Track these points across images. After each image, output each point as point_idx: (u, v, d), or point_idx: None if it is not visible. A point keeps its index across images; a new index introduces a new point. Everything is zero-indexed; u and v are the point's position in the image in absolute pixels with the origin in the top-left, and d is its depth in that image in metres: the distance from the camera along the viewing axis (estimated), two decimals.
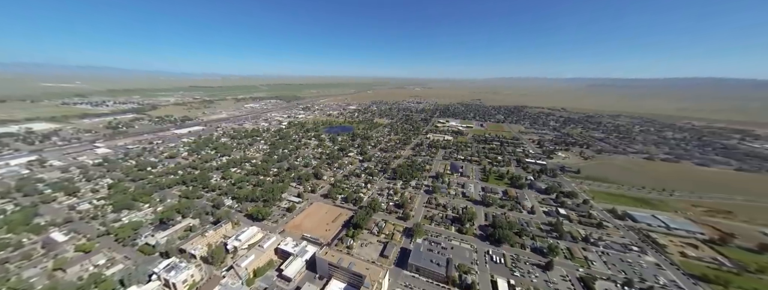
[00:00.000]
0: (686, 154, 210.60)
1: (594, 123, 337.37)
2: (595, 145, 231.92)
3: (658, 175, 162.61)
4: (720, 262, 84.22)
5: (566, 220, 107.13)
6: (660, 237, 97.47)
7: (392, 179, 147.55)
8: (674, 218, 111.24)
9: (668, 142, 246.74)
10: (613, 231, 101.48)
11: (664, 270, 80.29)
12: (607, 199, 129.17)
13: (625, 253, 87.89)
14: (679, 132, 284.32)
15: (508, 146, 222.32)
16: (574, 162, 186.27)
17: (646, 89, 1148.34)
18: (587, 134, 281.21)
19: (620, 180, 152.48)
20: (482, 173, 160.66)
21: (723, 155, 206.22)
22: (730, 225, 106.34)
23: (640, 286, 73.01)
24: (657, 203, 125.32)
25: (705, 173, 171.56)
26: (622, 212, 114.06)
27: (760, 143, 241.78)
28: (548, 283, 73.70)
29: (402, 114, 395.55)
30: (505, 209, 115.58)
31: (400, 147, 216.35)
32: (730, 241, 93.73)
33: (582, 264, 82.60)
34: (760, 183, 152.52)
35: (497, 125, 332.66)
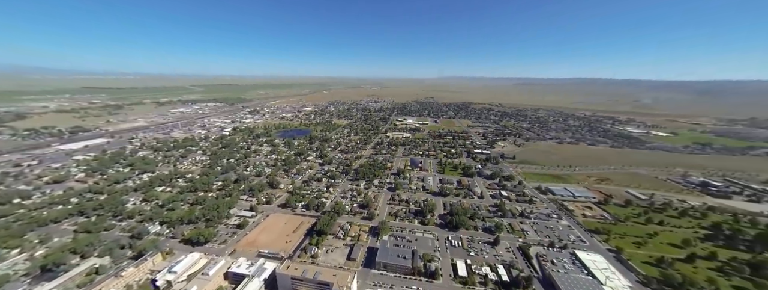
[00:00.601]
0: (582, 137, 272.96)
1: (522, 116, 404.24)
2: (525, 134, 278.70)
3: (566, 155, 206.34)
4: (604, 217, 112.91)
5: (507, 200, 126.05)
6: (569, 204, 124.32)
7: (355, 180, 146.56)
8: (577, 188, 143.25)
9: (571, 128, 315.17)
10: (539, 204, 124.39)
11: (572, 230, 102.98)
12: (535, 178, 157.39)
13: (548, 221, 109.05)
14: (577, 120, 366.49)
15: (459, 140, 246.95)
16: (510, 150, 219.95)
17: (554, 86, 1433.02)
18: (518, 125, 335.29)
19: (542, 162, 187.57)
20: (439, 166, 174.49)
21: (603, 137, 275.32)
22: (609, 189, 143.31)
23: (559, 245, 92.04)
24: (566, 178, 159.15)
25: (593, 151, 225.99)
26: (544, 188, 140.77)
27: (622, 127, 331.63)
28: (496, 256, 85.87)
29: (361, 114, 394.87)
30: (460, 197, 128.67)
31: (361, 147, 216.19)
32: (609, 201, 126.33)
33: (520, 235, 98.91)
34: (623, 156, 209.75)
35: (449, 120, 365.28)
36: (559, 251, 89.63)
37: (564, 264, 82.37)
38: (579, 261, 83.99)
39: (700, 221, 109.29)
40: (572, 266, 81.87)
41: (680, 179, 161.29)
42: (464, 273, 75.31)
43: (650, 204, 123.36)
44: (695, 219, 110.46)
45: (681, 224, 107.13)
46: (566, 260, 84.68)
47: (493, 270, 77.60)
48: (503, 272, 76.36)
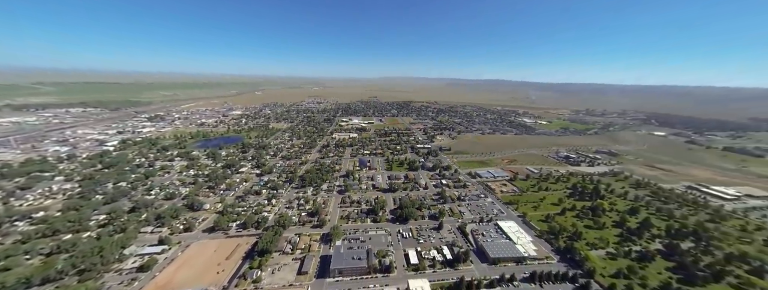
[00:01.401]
0: (497, 128, 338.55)
1: (454, 112, 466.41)
2: (457, 128, 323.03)
3: (487, 144, 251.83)
4: (514, 191, 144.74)
5: (447, 188, 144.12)
6: (491, 183, 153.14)
7: (301, 188, 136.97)
8: (495, 170, 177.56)
9: (489, 121, 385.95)
10: (471, 187, 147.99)
11: (494, 204, 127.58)
12: (466, 165, 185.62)
13: (477, 200, 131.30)
14: (493, 115, 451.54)
15: (403, 137, 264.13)
16: (446, 142, 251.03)
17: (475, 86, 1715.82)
18: (451, 120, 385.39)
19: (471, 151, 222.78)
20: (387, 163, 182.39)
21: (509, 127, 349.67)
22: (516, 168, 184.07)
23: (486, 219, 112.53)
24: (488, 162, 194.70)
25: (504, 138, 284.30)
26: (474, 173, 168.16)
27: (520, 118, 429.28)
28: (441, 239, 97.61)
29: (303, 116, 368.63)
30: (408, 190, 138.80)
31: (306, 152, 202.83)
32: (516, 177, 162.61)
33: (458, 216, 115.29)
34: (523, 140, 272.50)
35: (393, 118, 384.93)
36: (487, 224, 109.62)
37: (490, 234, 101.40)
38: (500, 229, 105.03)
39: (566, 184, 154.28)
40: (495, 234, 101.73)
41: (554, 154, 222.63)
42: (416, 261, 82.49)
43: (540, 176, 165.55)
44: (563, 183, 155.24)
45: (557, 188, 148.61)
46: (491, 230, 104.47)
47: (440, 252, 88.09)
48: (447, 252, 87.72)
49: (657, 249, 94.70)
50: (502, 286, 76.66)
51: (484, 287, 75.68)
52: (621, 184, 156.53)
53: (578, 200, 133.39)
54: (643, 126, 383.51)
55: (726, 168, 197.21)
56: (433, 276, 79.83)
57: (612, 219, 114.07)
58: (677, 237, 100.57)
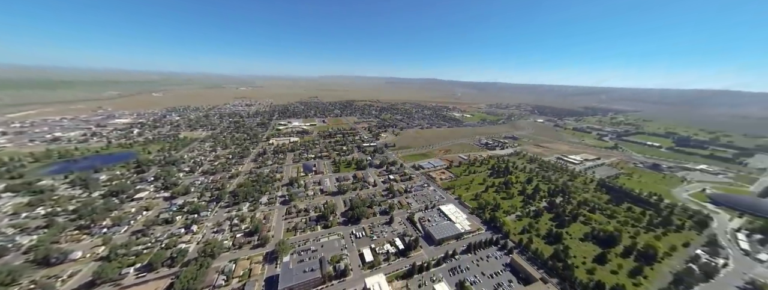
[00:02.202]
0: (434, 123, 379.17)
1: (395, 110, 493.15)
2: (399, 124, 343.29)
3: (426, 137, 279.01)
4: (451, 177, 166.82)
5: (394, 182, 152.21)
6: (432, 173, 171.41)
7: (234, 205, 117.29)
8: (435, 160, 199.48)
9: (426, 117, 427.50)
10: (416, 178, 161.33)
11: (436, 192, 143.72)
12: (410, 159, 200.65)
13: (422, 190, 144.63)
14: (429, 110, 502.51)
15: (349, 136, 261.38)
16: (391, 139, 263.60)
17: (412, 84, 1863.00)
18: (394, 117, 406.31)
19: (413, 145, 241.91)
20: (334, 165, 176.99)
21: (443, 121, 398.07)
22: (451, 156, 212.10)
23: (430, 206, 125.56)
24: (428, 154, 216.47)
25: (440, 131, 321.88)
26: (417, 165, 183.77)
27: (451, 113, 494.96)
28: (393, 232, 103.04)
29: (228, 121, 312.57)
30: (357, 190, 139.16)
31: (237, 163, 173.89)
32: (452, 165, 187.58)
33: (406, 207, 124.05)
34: (455, 132, 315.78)
35: (336, 119, 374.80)
36: (431, 210, 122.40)
37: (434, 219, 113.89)
38: (442, 213, 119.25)
39: (486, 166, 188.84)
40: (439, 218, 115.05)
41: (478, 142, 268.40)
42: (371, 258, 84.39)
43: (468, 162, 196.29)
44: (485, 165, 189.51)
45: (481, 170, 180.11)
46: (435, 215, 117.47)
47: (392, 244, 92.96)
48: (399, 243, 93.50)
49: (544, 206, 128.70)
50: (447, 262, 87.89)
51: (433, 267, 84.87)
52: (521, 161, 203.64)
53: (495, 177, 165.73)
54: (531, 116, 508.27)
55: (574, 142, 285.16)
56: (389, 268, 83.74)
57: (517, 189, 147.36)
58: (553, 195, 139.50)
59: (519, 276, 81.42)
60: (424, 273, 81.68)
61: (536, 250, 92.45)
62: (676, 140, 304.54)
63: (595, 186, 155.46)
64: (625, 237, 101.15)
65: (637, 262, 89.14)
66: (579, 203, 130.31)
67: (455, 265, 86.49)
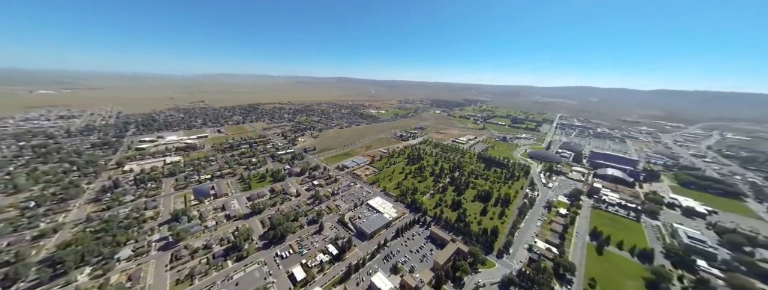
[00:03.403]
0: (353, 121, 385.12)
1: (311, 111, 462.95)
2: (317, 126, 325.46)
3: (347, 136, 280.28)
4: (375, 172, 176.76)
5: (319, 188, 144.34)
6: (357, 170, 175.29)
7: (61, 275, 75.02)
8: (358, 158, 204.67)
9: (344, 116, 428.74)
10: (341, 179, 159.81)
11: (363, 188, 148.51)
12: (333, 160, 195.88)
13: (349, 189, 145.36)
14: (346, 109, 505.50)
15: (258, 146, 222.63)
16: (310, 143, 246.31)
17: (323, 83, 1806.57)
18: (310, 119, 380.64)
19: (335, 145, 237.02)
20: (241, 182, 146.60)
21: (361, 118, 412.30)
22: (372, 152, 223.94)
23: (359, 203, 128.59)
24: (351, 153, 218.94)
25: (359, 129, 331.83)
26: (341, 165, 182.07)
27: (368, 110, 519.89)
28: (324, 239, 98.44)
29: (16, 146, 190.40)
30: (277, 205, 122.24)
31: (52, 211, 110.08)
32: (374, 160, 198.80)
33: (336, 210, 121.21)
34: (373, 129, 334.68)
35: (238, 126, 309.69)
36: (360, 206, 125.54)
37: (365, 214, 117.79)
38: (371, 207, 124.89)
39: (403, 156, 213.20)
40: (368, 212, 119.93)
41: (394, 136, 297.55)
42: (302, 276, 77.28)
43: (388, 155, 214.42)
44: (402, 156, 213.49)
45: (399, 160, 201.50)
46: (365, 211, 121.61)
47: (325, 253, 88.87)
48: (333, 248, 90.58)
49: (448, 181, 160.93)
50: (380, 252, 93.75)
51: (368, 261, 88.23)
52: (428, 147, 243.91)
53: (411, 165, 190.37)
54: (431, 108, 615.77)
55: (461, 127, 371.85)
56: (325, 278, 79.73)
57: (429, 171, 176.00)
58: (453, 171, 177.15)
59: (436, 243, 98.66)
60: (361, 270, 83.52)
61: (446, 218, 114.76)
62: (511, 119, 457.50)
63: (476, 159, 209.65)
64: (495, 192, 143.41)
65: (502, 207, 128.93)
66: (468, 174, 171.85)
67: (388, 252, 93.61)
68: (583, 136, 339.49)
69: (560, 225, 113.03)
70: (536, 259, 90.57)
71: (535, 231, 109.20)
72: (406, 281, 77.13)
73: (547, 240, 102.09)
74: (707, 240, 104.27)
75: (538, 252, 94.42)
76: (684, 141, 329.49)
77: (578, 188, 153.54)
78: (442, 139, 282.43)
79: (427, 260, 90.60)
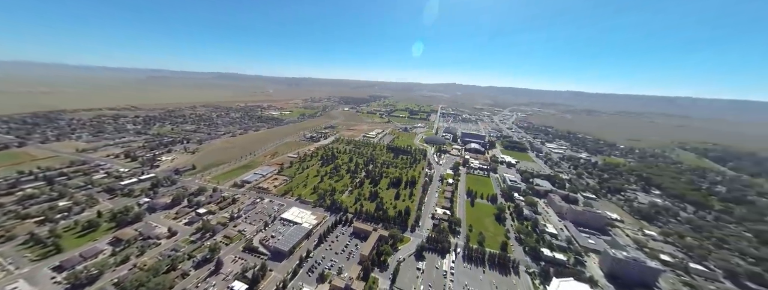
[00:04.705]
0: (248, 126, 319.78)
1: (179, 117, 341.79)
2: (193, 137, 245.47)
3: (243, 145, 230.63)
4: (286, 180, 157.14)
5: (210, 215, 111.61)
6: (263, 183, 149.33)
7: None
8: (262, 168, 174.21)
9: (235, 121, 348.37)
10: (243, 197, 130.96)
11: (273, 202, 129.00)
12: (228, 177, 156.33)
13: (255, 207, 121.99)
14: (237, 113, 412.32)
15: (72, 180, 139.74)
16: (184, 160, 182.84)
17: (195, 80, 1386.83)
18: (180, 129, 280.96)
19: (227, 158, 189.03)
20: (34, 247, 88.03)
21: (261, 122, 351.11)
22: (280, 159, 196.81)
23: (271, 220, 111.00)
24: (252, 164, 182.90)
25: (260, 135, 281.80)
26: (240, 181, 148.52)
27: (268, 112, 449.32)
28: (225, 279, 78.26)
29: None
30: (131, 261, 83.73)
31: None
32: (283, 167, 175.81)
33: (239, 237, 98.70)
34: (277, 133, 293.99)
35: (12, 153, 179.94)
36: (274, 223, 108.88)
37: (280, 231, 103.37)
38: (286, 220, 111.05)
39: (317, 158, 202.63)
40: (284, 227, 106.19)
41: (303, 137, 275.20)
42: None
43: (299, 159, 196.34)
44: (315, 158, 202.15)
45: (313, 163, 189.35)
46: (280, 226, 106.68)
47: None
48: (240, 285, 73.73)
49: (364, 175, 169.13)
50: (304, 265, 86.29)
51: (291, 280, 79.08)
52: (341, 145, 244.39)
53: (326, 165, 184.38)
54: (339, 106, 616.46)
55: (369, 122, 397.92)
56: None
57: (345, 169, 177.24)
58: (367, 164, 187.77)
59: (361, 237, 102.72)
60: None
61: (366, 211, 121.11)
62: (409, 112, 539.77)
63: (385, 150, 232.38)
64: (404, 176, 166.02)
65: (410, 188, 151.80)
66: (381, 165, 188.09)
67: (312, 263, 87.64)
68: (456, 121, 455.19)
69: (449, 191, 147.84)
70: (437, 223, 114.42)
71: (434, 202, 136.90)
72: (335, 285, 75.65)
73: (442, 206, 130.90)
74: (517, 180, 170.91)
75: (438, 217, 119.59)
76: (503, 119, 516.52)
77: (457, 161, 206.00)
78: (353, 135, 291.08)
79: (354, 255, 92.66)
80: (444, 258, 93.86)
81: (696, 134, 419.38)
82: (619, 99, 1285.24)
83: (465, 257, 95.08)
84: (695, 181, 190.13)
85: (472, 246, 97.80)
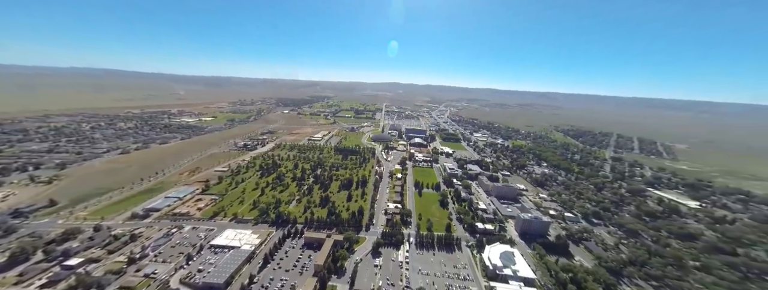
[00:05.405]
0: (151, 138, 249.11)
1: (20, 133, 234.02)
2: (46, 161, 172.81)
3: (143, 163, 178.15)
4: (214, 200, 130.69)
5: (89, 264, 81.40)
6: (181, 207, 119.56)
7: None
8: (179, 189, 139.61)
9: (128, 133, 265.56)
10: (149, 231, 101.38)
11: (197, 229, 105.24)
12: (121, 207, 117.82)
13: (170, 239, 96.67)
14: (130, 122, 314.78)
15: None
16: (30, 195, 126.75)
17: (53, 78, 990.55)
18: (18, 149, 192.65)
19: (113, 185, 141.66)
20: None
21: (170, 132, 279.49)
22: (204, 175, 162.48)
23: (198, 251, 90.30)
24: (162, 186, 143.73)
25: (169, 148, 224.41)
26: (141, 211, 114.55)
27: (179, 119, 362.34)
28: None
29: None
30: None
31: None
32: (209, 185, 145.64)
33: (147, 284, 76.06)
34: (197, 143, 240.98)
35: None
36: (201, 254, 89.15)
37: (211, 261, 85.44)
38: (219, 247, 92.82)
39: (255, 168, 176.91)
40: (216, 256, 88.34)
41: (234, 146, 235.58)
42: None
43: (231, 172, 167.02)
44: (253, 169, 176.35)
45: (250, 175, 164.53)
46: (210, 256, 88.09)
47: None
48: None
49: (312, 181, 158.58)
50: None
51: None
52: (284, 151, 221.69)
53: (267, 176, 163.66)
54: (277, 108, 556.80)
55: (314, 124, 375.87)
56: None
57: (290, 177, 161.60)
58: (315, 169, 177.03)
59: (314, 247, 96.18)
60: None
61: (318, 218, 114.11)
62: (355, 111, 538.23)
63: (334, 152, 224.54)
64: (355, 177, 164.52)
65: (362, 188, 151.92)
66: (330, 167, 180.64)
67: (258, 289, 76.51)
68: (400, 118, 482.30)
69: (399, 186, 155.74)
70: (390, 218, 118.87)
71: (386, 198, 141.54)
72: None
73: (394, 201, 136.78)
74: (455, 167, 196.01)
75: (390, 212, 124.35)
76: (439, 114, 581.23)
77: (404, 156, 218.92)
78: (297, 140, 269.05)
79: (308, 268, 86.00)
80: (399, 249, 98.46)
81: (564, 120, 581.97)
82: (519, 94, 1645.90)
83: (417, 244, 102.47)
84: (564, 154, 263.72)
85: (422, 233, 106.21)
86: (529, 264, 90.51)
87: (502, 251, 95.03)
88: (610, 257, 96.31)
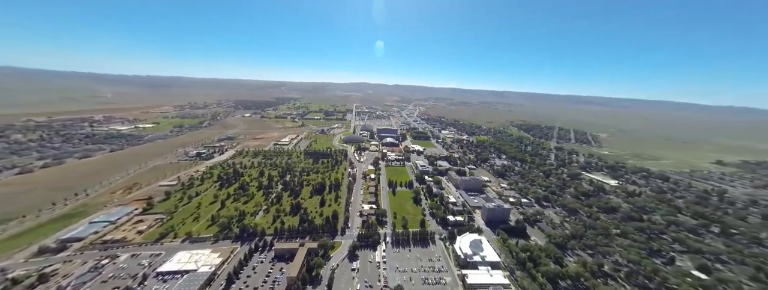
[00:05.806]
0: (66, 152, 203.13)
1: None
2: None
3: (55, 185, 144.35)
4: (160, 220, 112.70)
5: None
6: (113, 233, 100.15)
7: None
8: (111, 211, 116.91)
9: (33, 146, 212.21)
10: (66, 267, 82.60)
11: (136, 257, 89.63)
12: (14, 245, 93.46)
13: (99, 271, 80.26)
14: (33, 132, 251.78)
15: None
16: None
17: None
18: None
19: (16, 212, 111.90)
20: None
21: (94, 143, 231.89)
22: (144, 192, 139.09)
23: (142, 279, 76.79)
24: (83, 211, 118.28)
25: (93, 163, 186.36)
26: (55, 243, 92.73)
27: (107, 127, 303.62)
28: None
29: None
30: None
31: None
32: (153, 203, 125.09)
33: None
34: (133, 155, 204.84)
35: None
36: (148, 285, 75.97)
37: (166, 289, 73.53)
38: (168, 273, 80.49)
39: (211, 178, 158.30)
40: (169, 283, 76.40)
41: (185, 156, 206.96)
42: None
43: (182, 185, 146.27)
44: (209, 179, 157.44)
45: (206, 186, 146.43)
46: (158, 286, 75.70)
47: None
48: None
49: (280, 188, 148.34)
50: None
51: None
52: (247, 159, 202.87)
53: (228, 187, 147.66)
54: (237, 111, 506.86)
55: (280, 128, 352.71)
56: None
57: (255, 186, 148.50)
58: (283, 176, 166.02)
59: (285, 259, 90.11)
60: None
61: (289, 227, 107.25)
62: (324, 113, 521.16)
63: (303, 156, 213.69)
64: (327, 180, 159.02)
65: (335, 192, 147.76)
66: (300, 172, 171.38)
67: None
68: (371, 118, 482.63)
69: (373, 186, 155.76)
70: (366, 219, 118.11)
71: (360, 199, 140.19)
72: None
73: (368, 202, 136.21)
74: (426, 164, 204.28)
75: (366, 213, 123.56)
76: (409, 113, 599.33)
77: (376, 156, 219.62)
78: (261, 145, 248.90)
79: (279, 282, 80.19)
80: (376, 250, 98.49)
81: (517, 115, 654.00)
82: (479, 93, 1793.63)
83: (394, 243, 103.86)
84: (519, 146, 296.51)
85: (398, 231, 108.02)
86: (495, 249, 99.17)
87: (472, 239, 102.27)
88: (557, 234, 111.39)
